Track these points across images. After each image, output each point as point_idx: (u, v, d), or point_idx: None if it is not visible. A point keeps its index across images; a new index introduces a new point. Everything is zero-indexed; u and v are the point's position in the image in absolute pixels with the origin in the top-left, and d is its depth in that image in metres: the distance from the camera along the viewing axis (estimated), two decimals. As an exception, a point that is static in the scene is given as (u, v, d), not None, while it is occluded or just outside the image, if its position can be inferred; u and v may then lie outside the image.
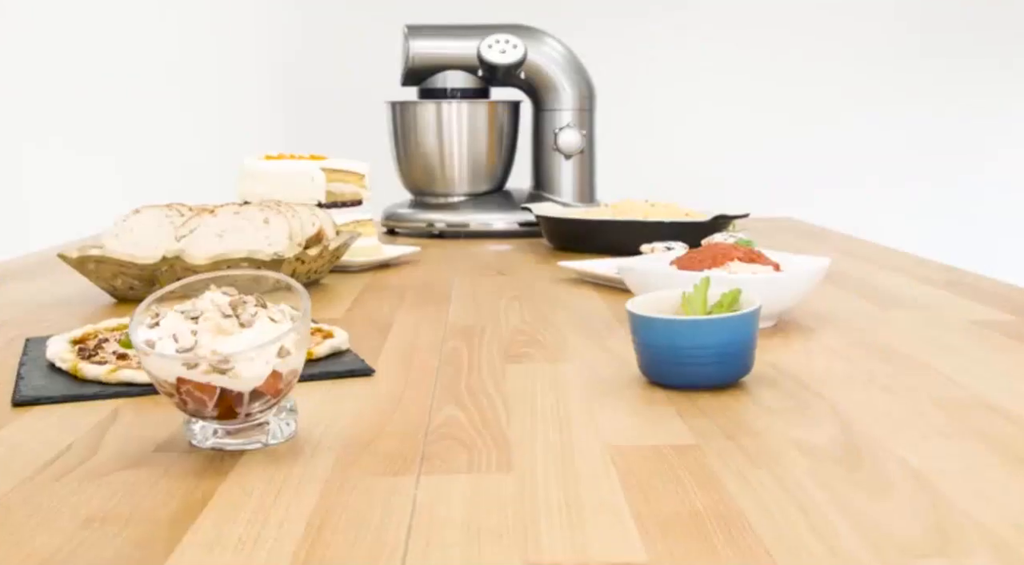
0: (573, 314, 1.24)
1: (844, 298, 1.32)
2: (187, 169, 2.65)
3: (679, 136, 2.75)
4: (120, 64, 2.68)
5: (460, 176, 2.09)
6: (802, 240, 1.95)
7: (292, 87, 2.73)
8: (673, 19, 2.74)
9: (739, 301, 0.93)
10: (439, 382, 0.93)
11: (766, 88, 2.76)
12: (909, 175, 2.77)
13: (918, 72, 2.76)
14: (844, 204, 2.71)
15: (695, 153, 2.74)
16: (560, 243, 1.84)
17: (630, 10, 2.73)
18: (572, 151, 2.08)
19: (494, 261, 1.74)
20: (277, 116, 2.73)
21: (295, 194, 1.75)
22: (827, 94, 2.76)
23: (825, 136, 2.76)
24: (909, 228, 2.69)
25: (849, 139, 2.77)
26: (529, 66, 2.06)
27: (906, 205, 2.76)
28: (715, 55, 2.75)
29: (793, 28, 2.75)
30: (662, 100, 2.75)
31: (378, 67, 2.43)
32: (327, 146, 2.24)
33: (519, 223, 2.03)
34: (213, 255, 1.29)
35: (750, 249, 1.17)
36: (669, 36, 2.75)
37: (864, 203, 2.75)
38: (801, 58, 2.75)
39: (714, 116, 2.75)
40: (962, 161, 2.78)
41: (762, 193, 2.58)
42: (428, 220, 2.07)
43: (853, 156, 2.77)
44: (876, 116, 2.77)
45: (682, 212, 1.79)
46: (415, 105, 2.10)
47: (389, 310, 1.28)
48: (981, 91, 2.77)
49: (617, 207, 1.82)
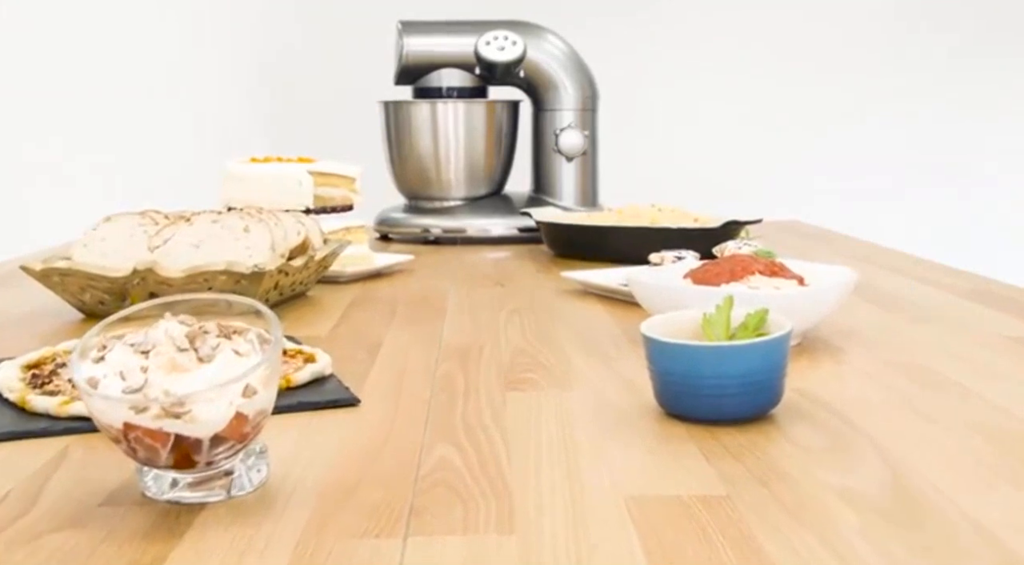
0: (578, 331, 1.15)
1: (868, 311, 1.22)
2: (169, 172, 2.55)
3: (685, 137, 2.65)
4: (96, 62, 2.58)
5: (456, 179, 1.99)
6: (814, 245, 1.85)
7: (280, 86, 2.63)
8: (679, 16, 2.65)
9: (766, 322, 0.83)
10: (432, 414, 0.84)
11: (774, 87, 2.66)
12: (916, 177, 2.67)
13: (924, 71, 2.67)
14: (850, 206, 2.61)
15: (701, 155, 2.64)
16: (561, 250, 1.75)
17: (634, 6, 2.63)
18: (574, 153, 1.98)
19: (492, 270, 1.65)
20: (264, 117, 2.62)
21: (281, 199, 1.66)
22: (837, 94, 2.66)
23: (834, 137, 2.66)
24: (917, 232, 2.59)
25: (856, 140, 2.67)
26: (529, 64, 1.97)
27: (912, 208, 2.66)
28: (723, 53, 2.65)
29: (802, 27, 2.65)
30: (667, 100, 2.65)
31: (370, 65, 2.33)
32: (317, 148, 2.14)
33: (518, 229, 1.94)
34: (189, 267, 1.19)
35: (772, 261, 1.07)
36: (675, 33, 2.65)
37: (869, 205, 2.64)
38: (812, 58, 2.65)
39: (722, 116, 2.65)
40: (970, 163, 2.68)
41: (768, 195, 2.48)
42: (423, 226, 1.97)
43: (860, 157, 2.67)
44: (883, 117, 2.67)
45: (691, 217, 1.69)
46: (409, 105, 2.00)
47: (379, 327, 1.18)
48: (988, 91, 2.67)
49: (622, 212, 1.72)
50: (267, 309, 0.66)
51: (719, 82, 2.65)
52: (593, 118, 2.01)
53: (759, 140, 2.65)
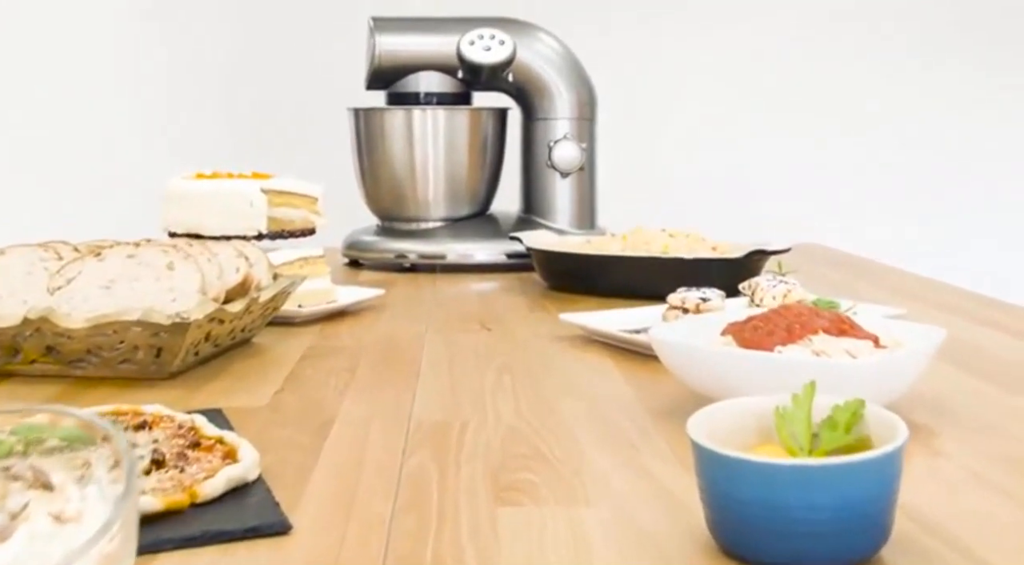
0: (586, 401, 0.90)
1: (950, 374, 0.98)
2: (106, 189, 2.29)
3: (695, 150, 2.39)
4: (33, 64, 2.33)
5: (436, 198, 1.75)
6: (850, 278, 1.62)
7: (235, 90, 2.36)
8: (687, 13, 2.40)
9: (863, 419, 0.59)
10: (393, 545, 0.59)
11: (793, 95, 2.42)
12: (926, 191, 2.44)
13: (931, 84, 2.44)
14: (870, 227, 2.38)
15: (714, 170, 2.39)
16: (557, 282, 1.50)
17: (637, 1, 2.39)
18: (569, 168, 1.74)
19: (476, 306, 1.40)
20: (216, 125, 2.35)
21: (230, 222, 1.42)
22: (859, 100, 2.43)
23: (854, 154, 2.43)
24: (937, 254, 2.37)
25: (873, 156, 2.44)
26: (518, 67, 1.72)
27: (928, 227, 2.43)
28: (739, 50, 2.41)
29: (820, 30, 2.42)
30: (676, 107, 2.40)
31: (339, 67, 2.07)
32: (276, 161, 1.89)
33: (506, 254, 1.69)
34: (94, 316, 0.94)
35: (837, 315, 0.83)
36: (682, 33, 2.40)
37: (889, 226, 2.42)
38: (832, 60, 2.42)
39: (740, 126, 2.41)
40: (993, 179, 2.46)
41: (789, 215, 2.25)
42: (397, 250, 1.73)
43: (878, 175, 2.44)
44: (896, 131, 2.44)
45: (708, 245, 1.45)
46: (382, 112, 1.76)
47: (334, 392, 0.93)
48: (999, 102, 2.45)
49: (628, 238, 1.48)
50: (111, 427, 0.42)
51: (735, 87, 2.41)
52: (591, 128, 1.77)
53: (781, 153, 2.41)
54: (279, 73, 2.34)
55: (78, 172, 2.32)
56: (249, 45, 2.34)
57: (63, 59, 2.33)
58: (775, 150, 2.42)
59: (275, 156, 2.16)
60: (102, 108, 2.34)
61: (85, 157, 2.32)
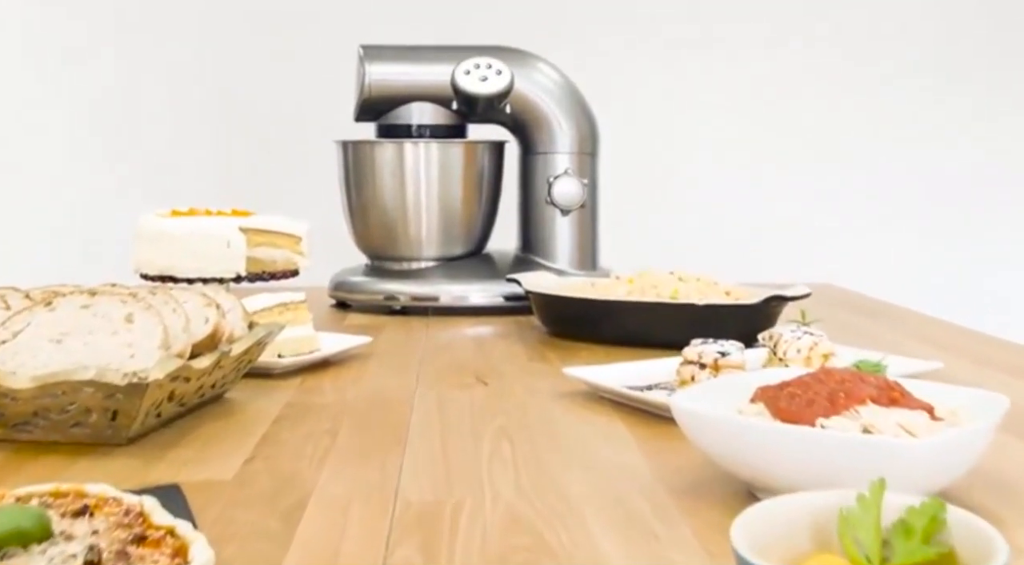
0: (596, 474, 0.80)
1: (1009, 446, 0.87)
2: (73, 228, 2.18)
3: (703, 187, 2.30)
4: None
5: (428, 236, 1.64)
6: (873, 325, 1.52)
7: (217, 121, 2.26)
8: (695, 44, 2.31)
9: (944, 524, 0.49)
10: None
11: (802, 130, 2.33)
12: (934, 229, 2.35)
13: (942, 120, 2.35)
14: (883, 265, 2.29)
15: (718, 206, 2.29)
16: (558, 328, 1.40)
17: (641, 32, 2.29)
18: (570, 205, 1.64)
19: (471, 355, 1.30)
20: (199, 159, 2.25)
21: (206, 264, 1.32)
22: (868, 143, 2.34)
23: (863, 189, 2.34)
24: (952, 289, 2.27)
25: (883, 192, 2.35)
26: (516, 98, 1.63)
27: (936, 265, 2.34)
28: (742, 89, 2.32)
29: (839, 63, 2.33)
30: (680, 142, 2.30)
31: (326, 97, 1.98)
32: (260, 197, 1.81)
33: (503, 296, 1.59)
34: (41, 375, 0.83)
35: (884, 379, 0.73)
36: (688, 65, 2.31)
37: (904, 263, 2.33)
38: (848, 94, 2.33)
39: (744, 162, 2.32)
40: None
41: (796, 253, 2.15)
42: (387, 292, 1.62)
43: (889, 211, 2.35)
44: (911, 167, 2.35)
45: (721, 289, 1.35)
46: (372, 146, 1.66)
47: (310, 462, 0.83)
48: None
49: (634, 282, 1.38)
50: None
51: (742, 121, 2.32)
52: (593, 163, 1.67)
53: (790, 189, 2.31)
54: (264, 103, 2.24)
55: (41, 206, 2.21)
56: (232, 72, 2.25)
57: (32, 83, 2.23)
58: (784, 186, 2.33)
59: (258, 191, 2.06)
60: (71, 136, 2.24)
61: (51, 191, 2.22)
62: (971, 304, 2.15)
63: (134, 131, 2.24)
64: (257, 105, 2.24)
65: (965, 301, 2.16)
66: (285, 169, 2.18)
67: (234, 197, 1.65)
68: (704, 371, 0.99)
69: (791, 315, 1.27)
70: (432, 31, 1.81)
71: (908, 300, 1.75)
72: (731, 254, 2.15)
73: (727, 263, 1.93)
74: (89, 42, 2.22)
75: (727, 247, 2.19)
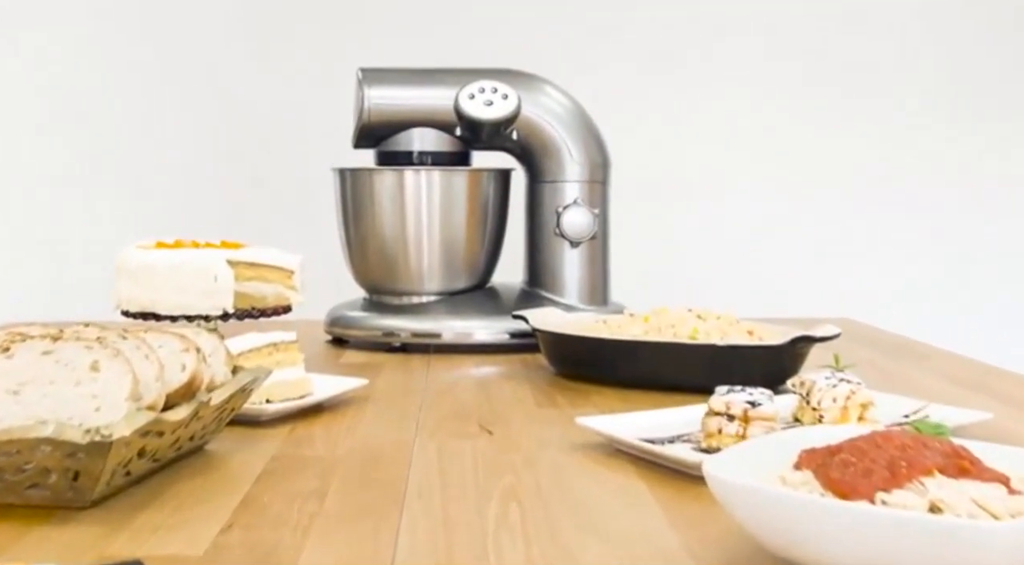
0: (616, 547, 0.70)
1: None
2: (55, 260, 2.09)
3: (721, 217, 2.20)
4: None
5: (430, 269, 1.56)
6: (901, 366, 1.43)
7: (207, 147, 2.17)
8: (712, 65, 2.22)
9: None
10: None
11: (823, 163, 2.24)
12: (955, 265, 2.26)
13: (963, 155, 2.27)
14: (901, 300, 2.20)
15: (741, 239, 2.20)
16: (568, 368, 1.31)
17: (656, 53, 2.21)
18: (580, 236, 1.56)
19: (476, 399, 1.21)
20: (187, 187, 2.16)
21: (190, 300, 1.24)
22: (889, 177, 2.25)
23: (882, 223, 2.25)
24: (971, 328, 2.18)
25: (905, 226, 2.27)
26: (523, 123, 1.54)
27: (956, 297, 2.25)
28: (759, 117, 2.23)
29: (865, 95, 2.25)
30: (694, 171, 2.21)
31: (323, 123, 1.90)
32: (253, 227, 1.72)
33: (509, 333, 1.50)
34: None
35: (950, 445, 0.63)
36: (703, 91, 2.22)
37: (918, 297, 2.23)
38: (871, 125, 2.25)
39: (761, 193, 2.23)
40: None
41: (813, 289, 2.06)
42: (386, 328, 1.53)
43: (910, 245, 2.27)
44: (930, 200, 2.27)
45: (742, 328, 1.26)
46: (371, 173, 1.57)
47: (294, 530, 0.73)
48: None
49: (650, 320, 1.29)
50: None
51: (760, 150, 2.23)
52: (604, 192, 1.59)
53: (808, 221, 2.22)
54: (257, 129, 2.15)
55: (19, 237, 2.12)
56: (224, 96, 2.16)
57: (15, 103, 2.15)
58: (801, 219, 2.24)
59: (251, 222, 1.98)
60: (54, 162, 2.15)
61: (30, 220, 2.13)
62: (1000, 342, 2.05)
63: (119, 159, 2.16)
64: (250, 131, 2.15)
65: (992, 338, 2.07)
66: (280, 198, 2.10)
67: (225, 228, 1.56)
68: (732, 423, 0.90)
69: (819, 358, 1.18)
70: (434, 53, 1.73)
71: (929, 336, 1.66)
72: (744, 285, 2.06)
73: (739, 296, 1.85)
74: (76, 63, 2.14)
75: (739, 278, 2.10)
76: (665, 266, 2.09)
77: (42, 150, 2.15)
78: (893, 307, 2.10)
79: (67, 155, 2.15)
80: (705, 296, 1.56)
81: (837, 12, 2.24)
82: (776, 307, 1.86)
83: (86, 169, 2.15)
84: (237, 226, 1.66)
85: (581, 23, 2.19)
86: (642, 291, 1.57)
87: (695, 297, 1.54)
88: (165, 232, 1.42)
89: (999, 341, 2.05)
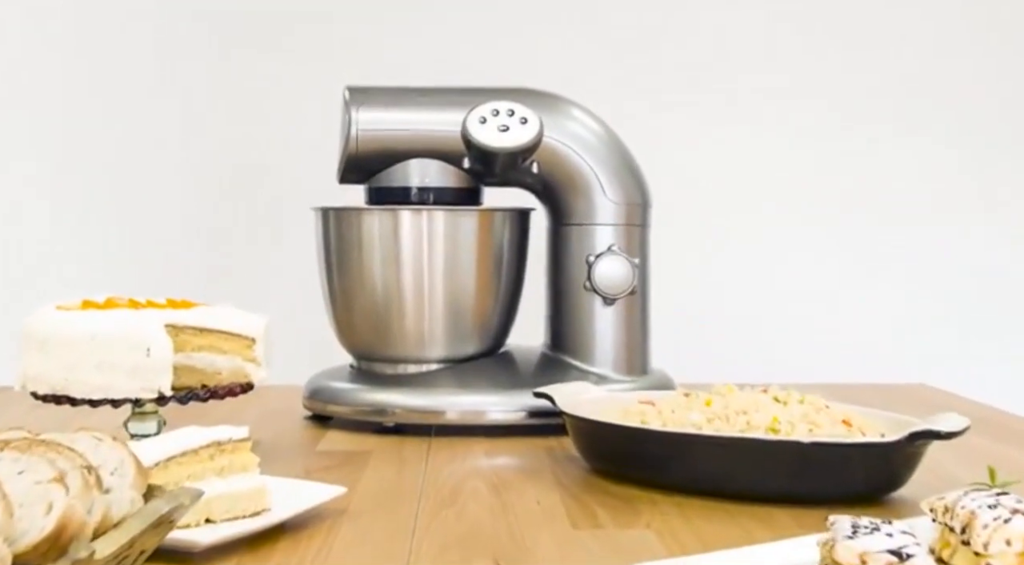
0: None
1: None
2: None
3: (765, 269, 1.89)
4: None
5: (431, 331, 1.28)
6: (1013, 451, 1.14)
7: (163, 188, 1.86)
8: (764, 83, 1.91)
9: None
10: None
11: (891, 202, 1.96)
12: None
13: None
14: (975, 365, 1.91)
15: (787, 291, 1.89)
16: (605, 464, 1.03)
17: (704, 72, 1.90)
18: (616, 291, 1.28)
19: (488, 512, 0.92)
20: (139, 234, 1.80)
21: (116, 379, 0.97)
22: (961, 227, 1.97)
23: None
24: None
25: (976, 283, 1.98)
26: (546, 153, 1.27)
27: None
28: (811, 160, 1.94)
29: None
30: (742, 212, 1.89)
31: (303, 153, 1.62)
32: (217, 280, 1.45)
33: (527, 411, 1.22)
34: None
35: None
36: (759, 110, 1.92)
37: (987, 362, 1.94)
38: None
39: (819, 242, 1.93)
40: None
41: (875, 353, 1.78)
42: (377, 404, 1.25)
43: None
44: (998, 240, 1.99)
45: (835, 415, 0.98)
46: (360, 214, 1.30)
47: None
48: None
49: (712, 402, 1.00)
50: None
51: (823, 187, 1.92)
52: (644, 238, 1.31)
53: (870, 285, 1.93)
54: (225, 163, 1.84)
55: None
56: (191, 127, 1.86)
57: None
58: (857, 269, 1.95)
59: (215, 271, 1.69)
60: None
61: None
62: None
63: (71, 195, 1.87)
64: (221, 166, 1.84)
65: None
66: (250, 244, 1.79)
67: (184, 279, 1.29)
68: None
69: (937, 457, 0.89)
70: (436, 69, 1.46)
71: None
72: (798, 349, 1.78)
73: (795, 359, 1.57)
74: (40, 92, 1.87)
75: (793, 341, 1.81)
76: (723, 326, 1.78)
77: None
78: (971, 369, 1.81)
79: (16, 186, 1.87)
80: (752, 361, 1.29)
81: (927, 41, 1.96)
82: (829, 368, 1.61)
83: (36, 207, 1.86)
84: (199, 276, 1.38)
85: (608, 37, 1.91)
86: (695, 363, 1.28)
87: (739, 363, 1.26)
88: (108, 285, 1.16)
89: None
